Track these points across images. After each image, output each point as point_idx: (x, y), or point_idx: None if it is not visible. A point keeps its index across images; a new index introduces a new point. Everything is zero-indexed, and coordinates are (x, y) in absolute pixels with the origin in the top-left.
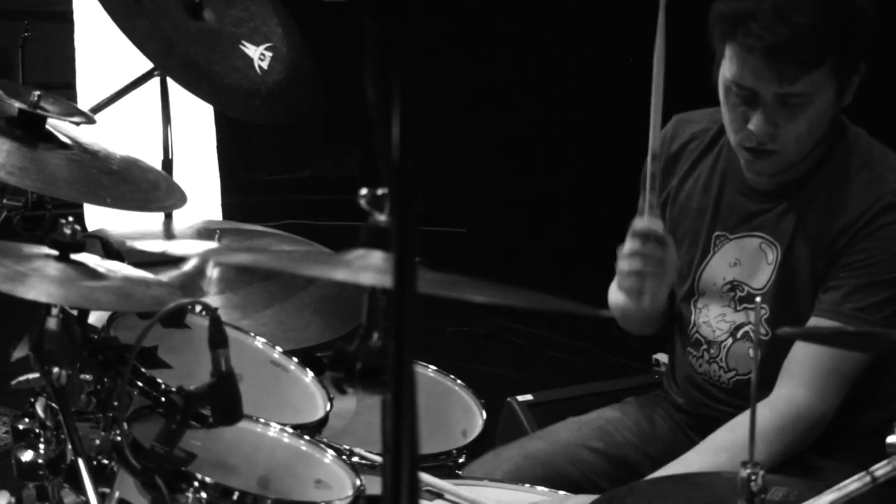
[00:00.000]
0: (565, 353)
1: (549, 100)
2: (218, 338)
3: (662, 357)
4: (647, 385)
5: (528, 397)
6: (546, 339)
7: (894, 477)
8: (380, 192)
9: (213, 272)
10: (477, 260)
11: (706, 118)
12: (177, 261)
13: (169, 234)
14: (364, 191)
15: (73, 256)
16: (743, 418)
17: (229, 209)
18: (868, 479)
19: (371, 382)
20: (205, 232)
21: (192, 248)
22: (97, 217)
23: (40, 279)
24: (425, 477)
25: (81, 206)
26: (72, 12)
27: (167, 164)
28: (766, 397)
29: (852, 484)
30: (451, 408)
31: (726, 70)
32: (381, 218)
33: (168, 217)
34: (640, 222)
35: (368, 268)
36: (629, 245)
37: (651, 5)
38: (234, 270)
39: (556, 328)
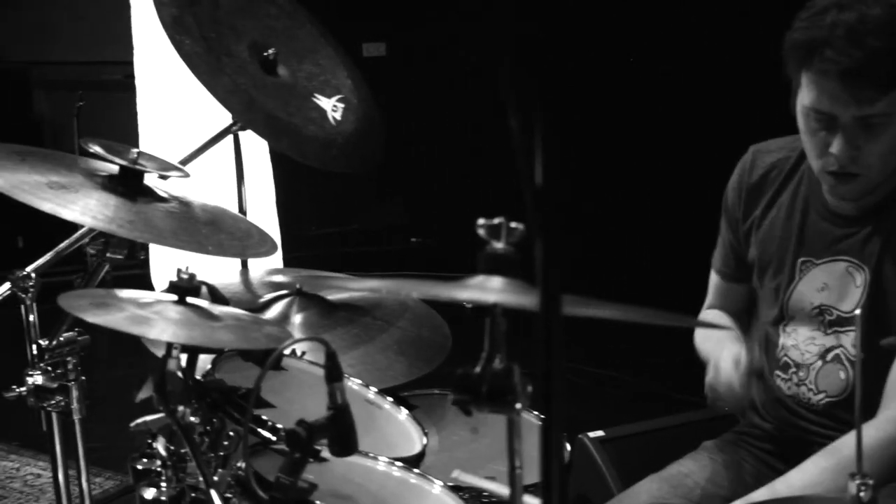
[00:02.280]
0: (626, 390)
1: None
2: (334, 372)
3: None
4: (715, 418)
5: (600, 433)
6: (605, 377)
7: None
8: (496, 221)
9: (296, 317)
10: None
11: (785, 147)
12: (261, 307)
13: (247, 281)
14: (481, 220)
15: (189, 300)
16: (848, 440)
17: (287, 263)
18: None
19: (497, 404)
20: (283, 279)
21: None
22: (161, 266)
23: (164, 321)
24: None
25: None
26: (133, 78)
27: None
28: (862, 418)
29: None
30: (535, 443)
31: (804, 97)
32: (499, 245)
33: (244, 266)
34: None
35: (489, 292)
36: (719, 386)
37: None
38: (317, 315)
39: (611, 366)
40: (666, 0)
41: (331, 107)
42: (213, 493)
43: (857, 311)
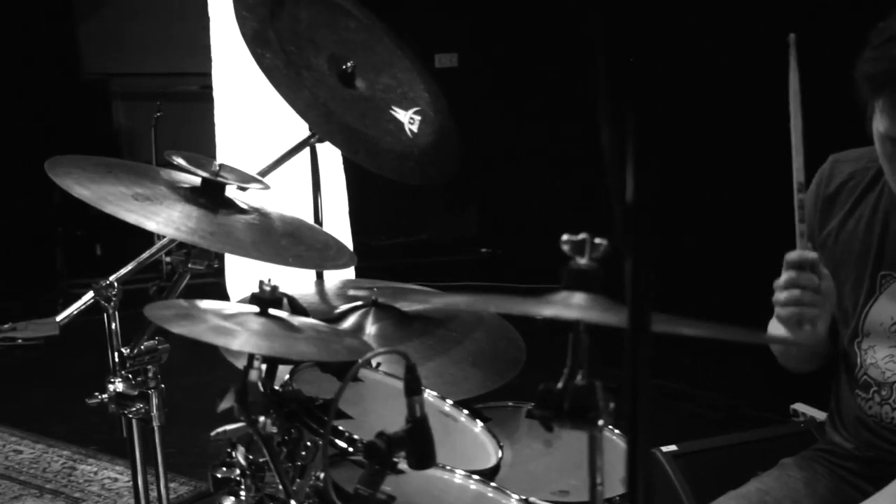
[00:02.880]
0: (699, 405)
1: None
2: (413, 385)
3: (801, 407)
4: (790, 434)
5: (673, 448)
6: (677, 391)
7: None
8: (580, 236)
9: (371, 328)
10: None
11: (864, 157)
12: (336, 318)
13: (322, 292)
14: (565, 236)
15: (271, 311)
16: None
17: (360, 272)
18: None
19: (579, 420)
20: (359, 290)
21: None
22: (236, 275)
23: (247, 333)
24: None
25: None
26: (211, 89)
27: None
28: None
29: None
30: (610, 456)
31: (879, 124)
32: (582, 261)
33: (320, 277)
34: (793, 253)
35: (573, 308)
36: (785, 276)
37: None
38: (392, 327)
39: (685, 379)
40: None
41: (408, 119)
42: (293, 502)
43: None
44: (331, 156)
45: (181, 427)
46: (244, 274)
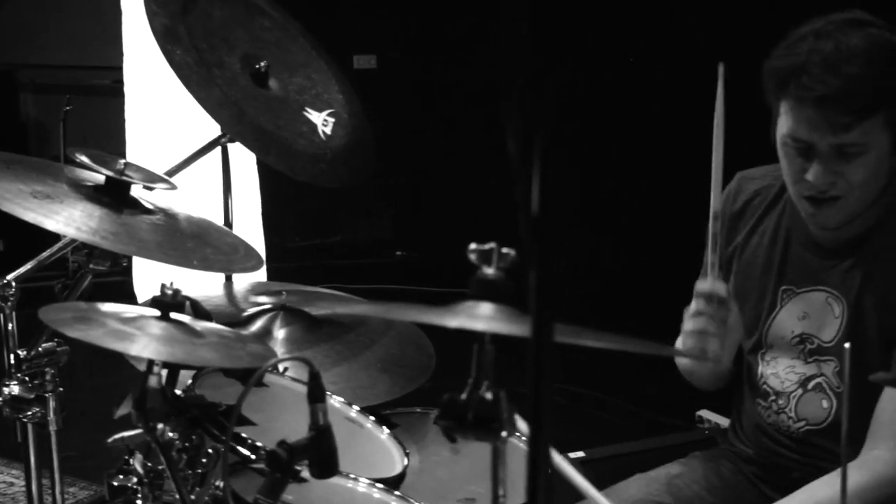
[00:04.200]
0: (608, 412)
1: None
2: (317, 392)
3: (706, 414)
4: (695, 441)
5: (580, 454)
6: (587, 397)
7: None
8: (487, 246)
9: (279, 332)
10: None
11: (769, 174)
12: (244, 322)
13: (231, 295)
14: (473, 245)
15: (172, 316)
16: (829, 479)
17: (273, 273)
18: None
19: (482, 431)
20: (268, 293)
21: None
22: (144, 273)
23: (147, 338)
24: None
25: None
26: (123, 84)
27: (228, 228)
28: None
29: None
30: (515, 463)
31: (782, 125)
32: (489, 271)
33: (228, 279)
34: (704, 283)
35: (478, 319)
36: (693, 306)
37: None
38: (300, 331)
39: (595, 387)
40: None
41: (321, 121)
42: None
43: (847, 345)
44: (244, 155)
45: (84, 430)
46: (151, 274)
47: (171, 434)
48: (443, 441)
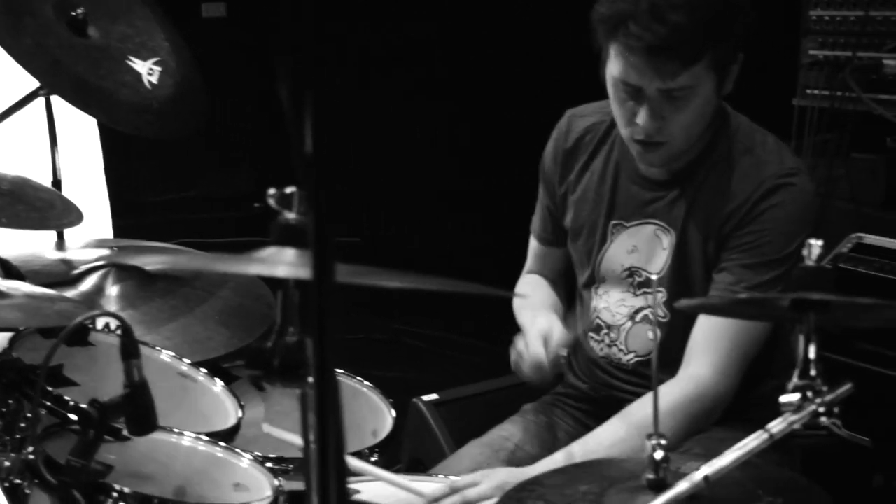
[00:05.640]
0: (464, 352)
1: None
2: (130, 348)
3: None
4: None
5: (434, 397)
6: (444, 340)
7: (789, 433)
8: (288, 190)
9: (112, 289)
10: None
11: (598, 111)
12: (74, 280)
13: (62, 252)
14: (272, 190)
15: None
16: (644, 401)
17: (121, 230)
18: (766, 436)
19: (289, 378)
20: (100, 249)
21: (104, 254)
22: None
23: None
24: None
25: None
26: None
27: (56, 184)
28: (668, 376)
29: (752, 442)
30: (360, 409)
31: (612, 68)
32: (291, 216)
33: (60, 237)
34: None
35: (281, 265)
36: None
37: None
38: (133, 287)
39: (453, 329)
40: None
41: (146, 70)
42: None
43: (654, 276)
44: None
45: None
46: None
47: None
48: (289, 391)
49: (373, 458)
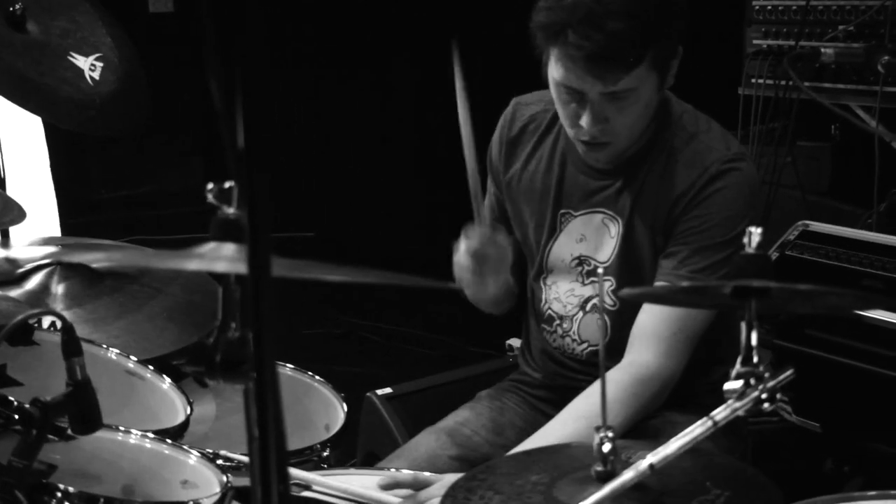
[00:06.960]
0: (421, 346)
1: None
2: (72, 346)
3: (515, 342)
4: (501, 369)
5: (388, 391)
6: (401, 333)
7: (733, 420)
8: (226, 185)
9: (58, 288)
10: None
11: (544, 100)
12: (19, 278)
13: (6, 251)
14: (210, 185)
15: None
16: (598, 386)
17: (69, 229)
18: (710, 423)
19: (231, 373)
20: (46, 247)
21: (40, 252)
22: None
23: None
24: (292, 470)
25: None
26: None
27: None
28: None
29: (696, 429)
30: (312, 404)
31: (553, 71)
32: (230, 210)
33: (5, 235)
34: (473, 238)
35: (220, 260)
36: (462, 245)
37: None
38: (80, 285)
39: (410, 323)
40: None
41: (88, 66)
42: None
43: (601, 270)
44: None
45: None
46: None
47: None
48: (239, 387)
49: (325, 453)
